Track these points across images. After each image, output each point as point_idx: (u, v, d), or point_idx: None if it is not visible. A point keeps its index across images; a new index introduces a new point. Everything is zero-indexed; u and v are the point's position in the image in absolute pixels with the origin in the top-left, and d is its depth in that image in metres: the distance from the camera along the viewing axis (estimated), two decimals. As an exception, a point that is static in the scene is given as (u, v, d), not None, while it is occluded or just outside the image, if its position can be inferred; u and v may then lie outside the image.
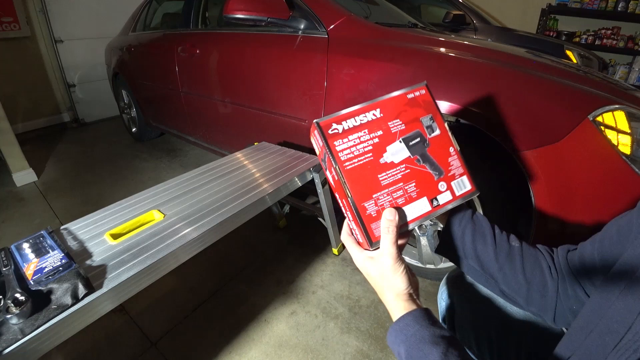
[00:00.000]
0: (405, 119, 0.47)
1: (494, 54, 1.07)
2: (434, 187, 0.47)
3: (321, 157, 0.46)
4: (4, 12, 2.97)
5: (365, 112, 0.45)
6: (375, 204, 0.44)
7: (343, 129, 0.44)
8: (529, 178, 0.90)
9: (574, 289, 0.48)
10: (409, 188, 0.46)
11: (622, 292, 0.35)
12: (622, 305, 0.35)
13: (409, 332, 0.41)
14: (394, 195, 0.45)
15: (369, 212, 0.43)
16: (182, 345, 1.11)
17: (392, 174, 0.45)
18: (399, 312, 0.43)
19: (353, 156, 0.44)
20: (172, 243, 0.80)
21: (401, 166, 0.46)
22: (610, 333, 0.34)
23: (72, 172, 2.49)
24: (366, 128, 0.45)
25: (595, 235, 0.47)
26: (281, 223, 1.71)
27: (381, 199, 0.44)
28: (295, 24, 1.40)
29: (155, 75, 2.32)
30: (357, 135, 0.44)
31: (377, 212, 0.44)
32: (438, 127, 0.49)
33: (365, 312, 1.21)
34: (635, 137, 0.81)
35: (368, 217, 0.44)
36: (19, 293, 0.59)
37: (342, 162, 0.43)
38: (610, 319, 0.35)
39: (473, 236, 0.53)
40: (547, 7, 3.81)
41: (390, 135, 0.46)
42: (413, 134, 0.47)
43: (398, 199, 0.45)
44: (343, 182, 0.43)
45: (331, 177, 0.46)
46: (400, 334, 0.42)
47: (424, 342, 0.39)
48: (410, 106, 0.48)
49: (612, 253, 0.42)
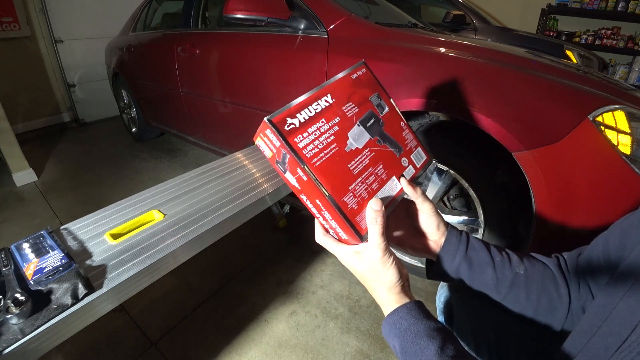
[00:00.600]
0: (355, 100, 0.45)
1: (494, 54, 1.07)
2: (399, 164, 0.46)
3: (277, 159, 0.40)
4: (4, 12, 2.96)
5: (317, 99, 0.42)
6: (354, 195, 0.41)
7: (300, 123, 0.39)
8: (528, 178, 0.90)
9: (586, 290, 0.47)
10: (378, 171, 0.44)
11: (625, 294, 0.35)
12: (625, 308, 0.34)
13: (402, 326, 0.40)
14: (367, 182, 0.42)
15: (350, 206, 0.40)
16: (182, 345, 1.11)
17: (360, 160, 0.42)
18: (391, 305, 0.42)
19: (318, 150, 0.39)
20: (172, 243, 0.80)
21: (366, 150, 0.43)
22: (613, 335, 0.34)
23: (72, 172, 2.49)
24: (323, 117, 0.41)
25: (600, 237, 0.47)
26: (281, 223, 1.71)
27: (357, 189, 0.41)
28: (295, 24, 1.40)
29: (155, 75, 2.32)
30: (316, 127, 0.40)
31: (358, 204, 0.41)
32: (386, 104, 0.48)
33: (365, 312, 1.21)
34: (635, 137, 0.81)
35: (351, 211, 0.40)
36: (19, 293, 0.59)
37: (309, 159, 0.38)
38: (613, 321, 0.35)
39: (470, 271, 0.49)
40: (547, 7, 3.81)
41: (348, 121, 0.43)
42: (367, 114, 0.45)
43: (372, 185, 0.43)
44: (315, 180, 0.38)
45: (295, 179, 0.40)
46: (394, 327, 0.40)
47: (419, 336, 0.38)
48: (356, 87, 0.46)
49: (616, 256, 0.42)
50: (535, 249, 0.96)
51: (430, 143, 1.11)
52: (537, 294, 0.48)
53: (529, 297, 0.48)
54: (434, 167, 1.14)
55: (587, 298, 0.47)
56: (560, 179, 0.86)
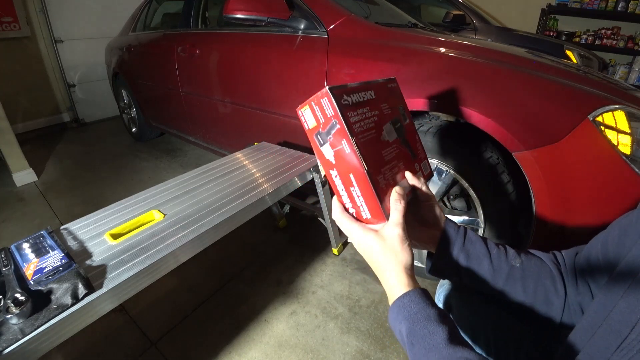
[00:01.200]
0: (390, 104, 0.50)
1: (494, 54, 1.07)
2: (413, 167, 0.51)
3: (319, 130, 0.43)
4: (4, 12, 2.97)
5: (365, 90, 0.47)
6: (384, 177, 0.44)
7: (352, 102, 0.44)
8: (528, 178, 0.90)
9: (586, 288, 0.47)
10: (400, 165, 0.48)
11: (625, 292, 0.35)
12: (625, 306, 0.35)
13: (413, 309, 0.39)
14: (393, 170, 0.46)
15: (381, 185, 0.43)
16: (182, 345, 1.11)
17: (390, 151, 0.47)
18: (402, 288, 0.42)
19: (364, 130, 0.43)
20: (172, 243, 0.80)
21: (393, 145, 0.48)
22: (613, 333, 0.34)
23: (72, 172, 2.49)
24: (367, 106, 0.46)
25: (598, 236, 0.47)
26: (281, 223, 1.71)
27: (387, 173, 0.45)
28: (295, 24, 1.40)
29: (155, 75, 2.32)
30: (363, 111, 0.45)
31: (387, 186, 0.44)
32: (407, 116, 0.54)
33: (365, 312, 1.21)
34: (635, 137, 0.81)
35: (381, 190, 0.43)
36: (19, 293, 0.59)
37: (357, 134, 0.42)
38: (613, 319, 0.35)
39: (467, 262, 0.51)
40: (547, 7, 3.81)
41: (384, 117, 0.48)
42: (396, 118, 0.51)
43: (396, 175, 0.47)
44: (359, 154, 0.41)
45: (333, 152, 0.43)
46: (403, 310, 0.40)
47: (429, 320, 0.38)
48: (391, 94, 0.52)
49: (615, 254, 0.42)
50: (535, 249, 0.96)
51: (430, 143, 1.11)
52: (533, 287, 0.49)
53: (525, 290, 0.49)
54: (434, 166, 1.14)
55: (586, 296, 0.47)
56: (560, 179, 0.86)
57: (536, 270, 0.50)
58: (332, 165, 0.44)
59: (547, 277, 0.49)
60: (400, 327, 0.40)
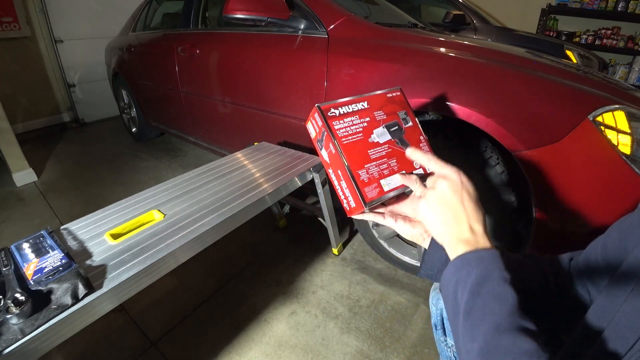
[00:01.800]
0: (386, 111, 0.58)
1: (494, 54, 1.07)
2: (411, 164, 0.56)
3: (318, 137, 0.54)
4: (4, 12, 2.96)
5: (355, 102, 0.55)
6: (367, 172, 0.52)
7: (339, 113, 0.53)
8: (528, 178, 0.90)
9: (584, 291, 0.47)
10: (391, 163, 0.54)
11: (629, 295, 0.34)
12: (630, 310, 0.34)
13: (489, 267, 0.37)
14: (380, 167, 0.53)
15: (362, 178, 0.51)
16: (182, 345, 1.11)
17: (378, 151, 0.54)
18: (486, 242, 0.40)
19: (348, 134, 0.52)
20: (172, 243, 0.80)
21: (385, 146, 0.55)
22: (620, 339, 0.33)
23: (72, 172, 2.49)
24: (357, 115, 0.55)
25: (598, 239, 0.46)
26: (281, 223, 1.71)
27: (371, 169, 0.52)
28: (295, 24, 1.40)
29: (155, 75, 2.32)
30: (350, 119, 0.53)
31: (369, 179, 0.52)
32: (411, 120, 0.60)
33: (365, 312, 1.21)
34: (635, 137, 0.81)
35: (362, 182, 0.51)
36: (19, 293, 0.59)
37: (340, 137, 0.51)
38: (618, 324, 0.34)
39: None
40: (547, 7, 3.81)
41: (375, 122, 0.56)
42: (392, 122, 0.57)
43: (384, 170, 0.53)
44: (340, 153, 0.51)
45: (327, 154, 0.54)
46: (482, 262, 0.38)
47: (506, 282, 0.36)
48: (389, 103, 0.59)
49: (615, 257, 0.41)
50: (535, 249, 0.96)
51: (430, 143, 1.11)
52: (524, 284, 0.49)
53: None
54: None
55: (583, 299, 0.47)
56: (561, 179, 0.86)
57: (529, 268, 0.50)
58: (328, 165, 0.55)
59: (538, 276, 0.49)
60: (467, 275, 0.38)
